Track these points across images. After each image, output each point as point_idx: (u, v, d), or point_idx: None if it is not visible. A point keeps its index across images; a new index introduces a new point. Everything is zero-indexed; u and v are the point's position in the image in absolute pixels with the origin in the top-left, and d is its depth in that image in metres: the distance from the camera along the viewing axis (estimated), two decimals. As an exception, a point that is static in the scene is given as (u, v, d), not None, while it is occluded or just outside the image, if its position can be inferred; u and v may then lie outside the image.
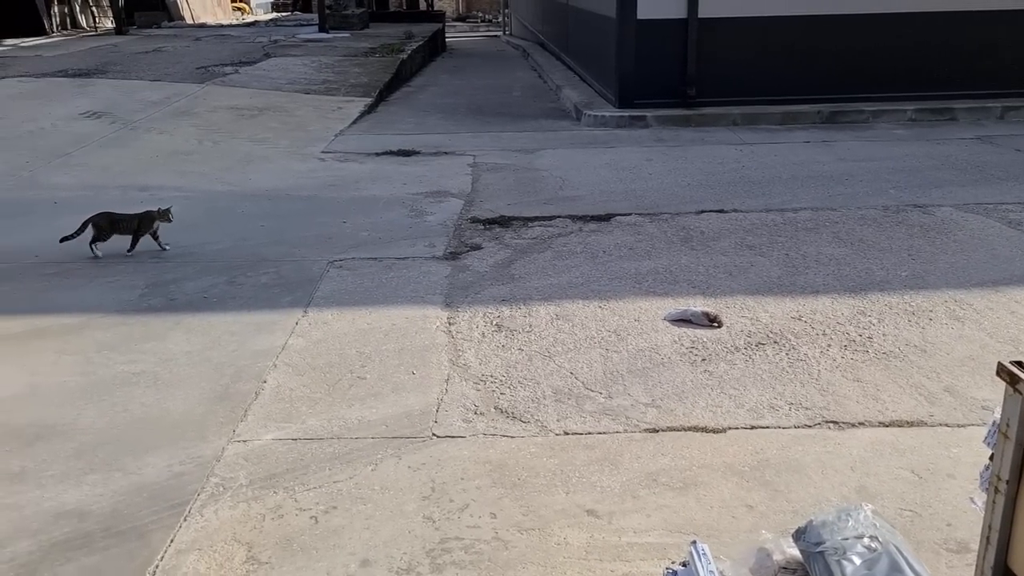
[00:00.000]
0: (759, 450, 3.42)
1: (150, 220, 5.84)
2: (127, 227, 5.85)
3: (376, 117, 11.42)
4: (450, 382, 4.03)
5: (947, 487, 3.14)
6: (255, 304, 5.02)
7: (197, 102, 11.40)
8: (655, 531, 2.94)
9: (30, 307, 5.01)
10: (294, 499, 3.16)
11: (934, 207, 6.65)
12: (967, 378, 3.95)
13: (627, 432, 3.58)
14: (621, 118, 10.47)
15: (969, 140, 9.20)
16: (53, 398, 3.92)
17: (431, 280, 5.34)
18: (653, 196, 7.21)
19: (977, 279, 5.16)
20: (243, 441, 3.55)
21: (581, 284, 5.23)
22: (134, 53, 15.73)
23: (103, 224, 5.80)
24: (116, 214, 5.90)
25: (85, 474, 3.33)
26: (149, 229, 5.85)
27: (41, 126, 10.00)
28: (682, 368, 4.13)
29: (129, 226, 5.84)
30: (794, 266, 5.46)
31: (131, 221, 5.84)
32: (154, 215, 5.85)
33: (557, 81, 13.73)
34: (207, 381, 4.07)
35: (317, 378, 4.09)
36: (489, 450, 3.46)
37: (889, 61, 10.67)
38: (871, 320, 4.62)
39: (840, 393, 3.85)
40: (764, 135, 9.74)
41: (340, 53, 15.84)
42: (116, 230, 5.83)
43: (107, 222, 5.82)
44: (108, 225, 5.82)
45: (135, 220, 5.84)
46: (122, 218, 5.86)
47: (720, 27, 10.51)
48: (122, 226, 5.85)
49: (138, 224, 5.84)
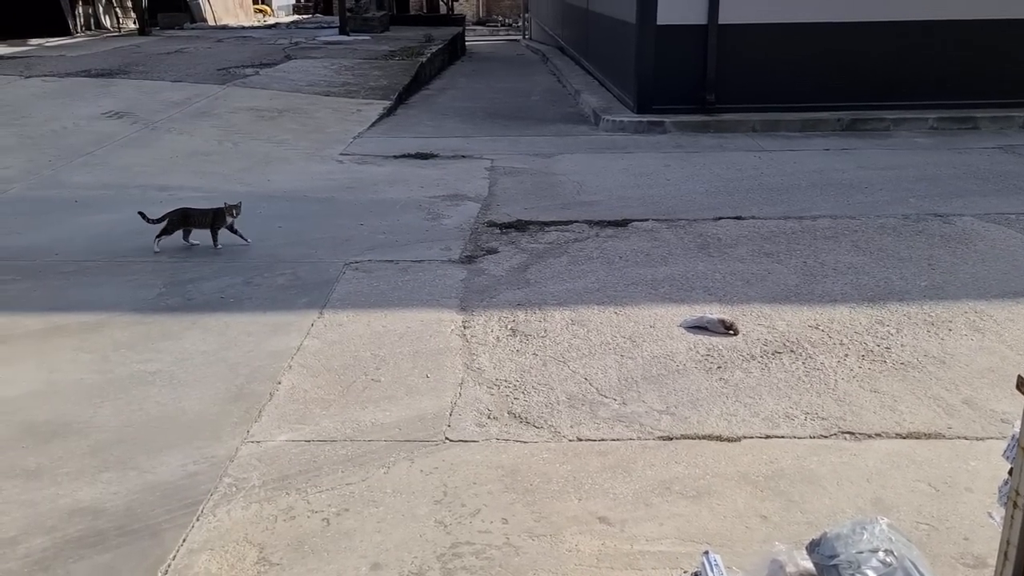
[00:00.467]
0: (774, 460, 3.39)
1: (223, 215, 5.96)
2: (200, 222, 5.97)
3: (395, 120, 11.45)
4: (464, 386, 4.02)
5: (965, 501, 3.10)
6: (271, 305, 5.04)
7: (218, 103, 11.47)
8: (667, 540, 2.92)
9: (49, 305, 5.05)
10: (306, 501, 3.16)
11: (955, 217, 6.58)
12: (987, 390, 3.90)
13: (641, 439, 3.56)
14: (640, 123, 10.44)
15: (991, 149, 9.12)
16: (70, 396, 3.95)
17: (447, 283, 5.34)
18: (671, 202, 7.19)
19: (998, 290, 5.11)
20: (257, 442, 3.56)
21: (597, 290, 5.22)
22: (156, 54, 15.86)
23: (175, 219, 5.94)
24: (191, 209, 6.03)
25: (100, 472, 3.35)
26: (224, 224, 5.96)
27: (64, 125, 10.09)
28: (697, 376, 4.11)
29: (202, 221, 5.96)
30: (812, 274, 5.43)
31: (204, 216, 5.96)
32: (226, 212, 5.96)
33: (576, 86, 13.72)
34: (222, 381, 4.09)
35: (331, 380, 4.10)
36: (502, 455, 3.45)
37: (910, 69, 10.59)
38: (889, 330, 4.58)
39: (857, 403, 3.82)
40: (783, 142, 9.69)
41: (360, 56, 15.91)
42: (188, 224, 5.97)
43: (180, 217, 5.95)
44: (180, 219, 5.95)
45: (209, 215, 5.96)
46: (195, 213, 6.00)
47: (740, 33, 10.47)
48: (195, 221, 5.98)
49: (212, 219, 5.96)
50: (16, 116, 10.47)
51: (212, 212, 5.96)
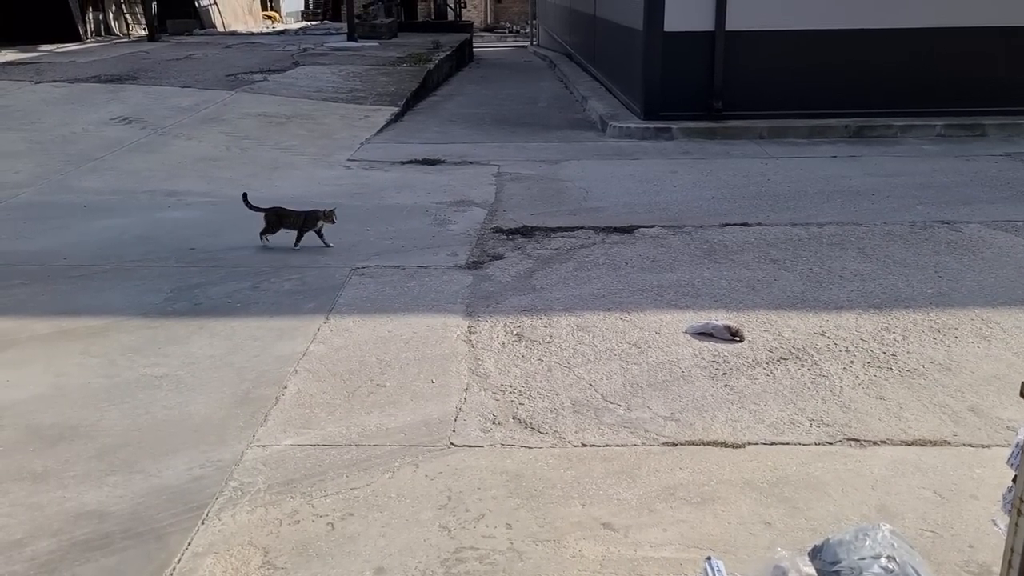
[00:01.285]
0: (778, 466, 3.39)
1: (314, 219, 6.07)
2: (293, 223, 6.10)
3: (402, 126, 11.49)
4: (469, 391, 4.03)
5: (970, 508, 3.09)
6: (278, 310, 5.06)
7: (226, 109, 11.53)
8: (671, 546, 2.92)
9: (57, 309, 5.08)
10: (311, 505, 3.17)
11: (962, 224, 6.57)
12: (992, 398, 3.89)
13: (645, 445, 3.56)
14: (646, 130, 10.45)
15: (999, 156, 9.09)
16: (77, 399, 3.97)
17: (453, 289, 5.35)
18: (677, 208, 7.19)
19: (1004, 297, 5.09)
20: (262, 446, 3.57)
21: (602, 296, 5.22)
22: (165, 60, 15.94)
23: (272, 218, 6.11)
24: (284, 210, 6.18)
25: (106, 475, 3.36)
26: (313, 227, 6.07)
27: (73, 131, 10.16)
28: (702, 382, 4.11)
29: (295, 222, 6.09)
30: (818, 281, 5.42)
31: (297, 218, 6.09)
32: (319, 215, 6.08)
33: (583, 92, 13.74)
34: (228, 385, 4.11)
35: (337, 384, 4.11)
36: (506, 460, 3.46)
37: (918, 76, 10.58)
38: (895, 337, 4.57)
39: (862, 410, 3.81)
40: (790, 149, 9.69)
41: (368, 62, 15.97)
42: (283, 224, 6.10)
43: (275, 216, 6.12)
44: (276, 219, 6.11)
45: (301, 217, 6.09)
46: (289, 214, 6.14)
47: (747, 40, 10.48)
48: (288, 222, 6.11)
49: (303, 221, 6.07)
50: (26, 121, 10.53)
51: (304, 214, 6.10)
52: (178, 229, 6.66)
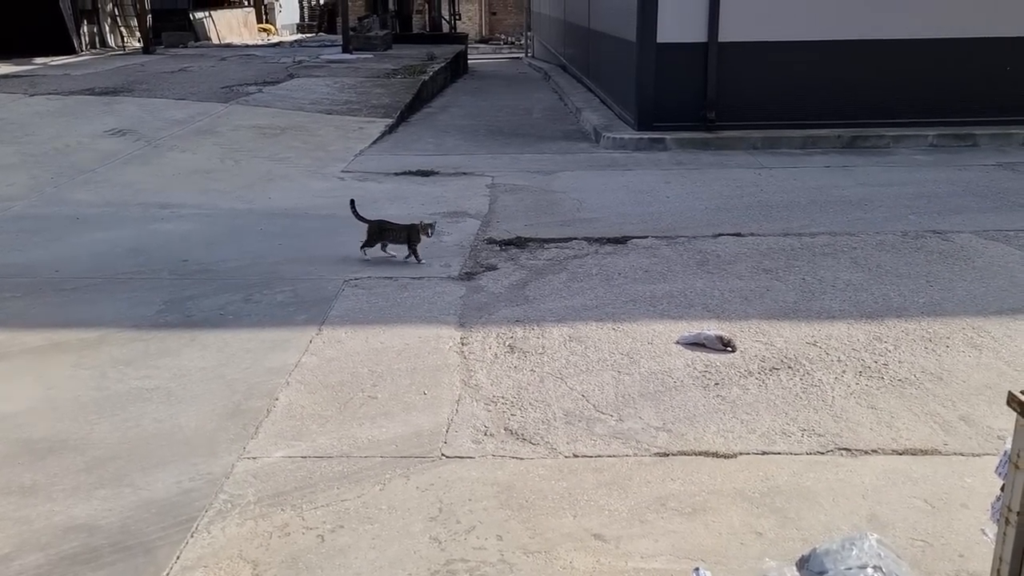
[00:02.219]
0: (770, 476, 3.39)
1: (416, 232, 6.07)
2: (395, 236, 6.11)
3: (396, 137, 11.51)
4: (461, 402, 4.03)
5: (960, 517, 3.09)
6: (270, 321, 5.05)
7: (220, 121, 11.54)
8: (662, 556, 2.91)
9: (49, 321, 5.07)
10: (301, 517, 3.16)
11: (953, 233, 6.59)
12: (983, 407, 3.89)
13: (637, 456, 3.56)
14: (640, 141, 10.48)
15: (991, 167, 9.13)
16: (67, 412, 3.96)
17: (445, 300, 5.35)
18: (670, 219, 7.20)
19: (996, 307, 5.10)
20: (253, 458, 3.56)
21: (595, 306, 5.22)
22: (160, 72, 15.96)
23: (374, 230, 6.13)
24: (388, 223, 6.18)
25: (95, 489, 3.35)
26: (417, 240, 6.07)
27: (67, 143, 10.16)
28: (694, 392, 4.11)
29: (398, 236, 6.10)
30: (811, 291, 5.43)
31: (400, 232, 6.10)
32: (419, 228, 6.08)
33: (577, 103, 13.78)
34: (220, 398, 4.10)
35: (329, 396, 4.10)
36: (498, 471, 3.45)
37: (911, 86, 10.63)
38: (887, 347, 4.58)
39: (854, 420, 3.81)
40: (784, 159, 9.71)
41: (363, 74, 16.00)
42: (383, 237, 6.12)
43: (377, 229, 6.13)
44: (378, 232, 6.12)
45: (404, 231, 6.09)
46: (391, 227, 6.14)
47: (740, 51, 10.52)
48: (390, 235, 6.12)
49: (407, 235, 6.07)
50: (20, 134, 10.53)
51: (407, 228, 6.10)
52: (171, 241, 6.66)
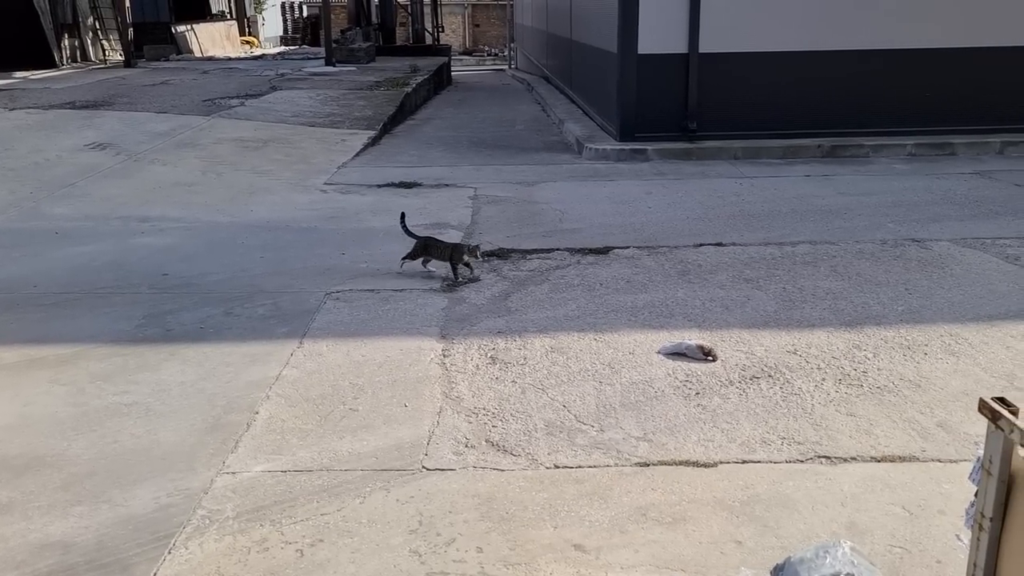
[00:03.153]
0: (750, 485, 3.40)
1: (460, 252, 6.02)
2: (439, 254, 6.07)
3: (379, 150, 11.50)
4: (442, 414, 4.02)
5: (938, 524, 3.11)
6: (251, 335, 5.03)
7: (202, 134, 11.50)
8: (642, 567, 2.91)
9: (26, 337, 5.02)
10: (280, 532, 3.14)
11: (932, 241, 6.65)
12: (961, 413, 3.92)
13: (618, 466, 3.56)
14: (622, 151, 10.53)
15: (968, 175, 9.23)
16: (44, 429, 3.92)
17: (427, 312, 5.35)
18: (652, 229, 7.23)
19: (973, 314, 5.15)
20: (232, 473, 3.54)
21: (577, 317, 5.23)
22: (142, 85, 15.90)
23: (419, 246, 6.11)
24: (433, 240, 6.17)
25: (72, 506, 3.32)
26: (460, 260, 6.01)
27: (47, 157, 10.09)
28: (675, 402, 4.11)
29: (442, 254, 6.05)
30: (791, 300, 5.46)
31: (444, 250, 6.06)
32: (464, 249, 6.05)
33: (560, 115, 13.83)
34: (199, 412, 4.07)
35: (309, 409, 4.08)
36: (479, 483, 3.44)
37: (890, 96, 10.73)
38: (866, 354, 4.61)
39: (833, 427, 3.83)
40: (765, 169, 9.78)
41: (345, 86, 16.00)
42: (428, 254, 6.09)
43: (422, 246, 6.11)
44: (423, 248, 6.10)
45: (448, 250, 6.05)
46: (436, 244, 6.12)
47: (721, 62, 10.60)
48: (434, 252, 6.09)
49: (451, 254, 6.02)
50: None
51: (451, 247, 6.07)
52: (151, 255, 6.63)
